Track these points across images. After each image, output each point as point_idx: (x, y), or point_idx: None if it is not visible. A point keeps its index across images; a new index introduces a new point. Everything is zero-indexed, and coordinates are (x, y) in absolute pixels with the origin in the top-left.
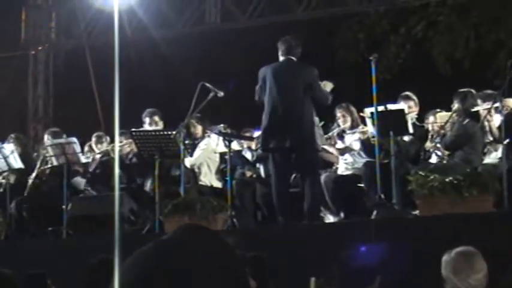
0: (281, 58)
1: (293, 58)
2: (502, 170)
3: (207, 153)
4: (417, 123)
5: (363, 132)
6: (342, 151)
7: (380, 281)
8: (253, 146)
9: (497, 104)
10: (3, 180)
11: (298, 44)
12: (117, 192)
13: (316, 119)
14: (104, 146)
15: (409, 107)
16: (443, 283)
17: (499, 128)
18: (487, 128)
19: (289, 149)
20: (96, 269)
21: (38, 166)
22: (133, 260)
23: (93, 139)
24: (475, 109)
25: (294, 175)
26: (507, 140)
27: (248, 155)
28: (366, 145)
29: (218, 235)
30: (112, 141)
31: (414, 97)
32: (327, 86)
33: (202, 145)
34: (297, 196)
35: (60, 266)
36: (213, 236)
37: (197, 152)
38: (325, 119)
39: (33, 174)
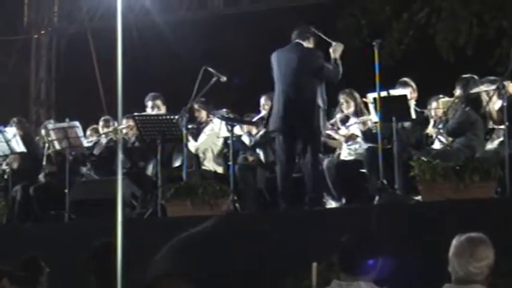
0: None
1: (301, 42)
2: (504, 155)
3: (212, 139)
4: (417, 109)
5: (363, 123)
6: (347, 139)
7: (380, 266)
8: (254, 131)
9: (494, 87)
10: (6, 167)
11: (310, 31)
12: (120, 177)
13: (321, 104)
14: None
15: (410, 93)
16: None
17: (501, 110)
18: (488, 114)
19: (293, 133)
20: (100, 253)
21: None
22: (169, 250)
23: (101, 123)
24: (475, 90)
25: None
26: (506, 123)
27: (246, 140)
28: (367, 135)
29: (257, 222)
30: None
31: (412, 83)
32: (338, 47)
33: (207, 130)
34: (299, 181)
35: (62, 250)
36: (251, 224)
37: (202, 137)
38: (328, 105)
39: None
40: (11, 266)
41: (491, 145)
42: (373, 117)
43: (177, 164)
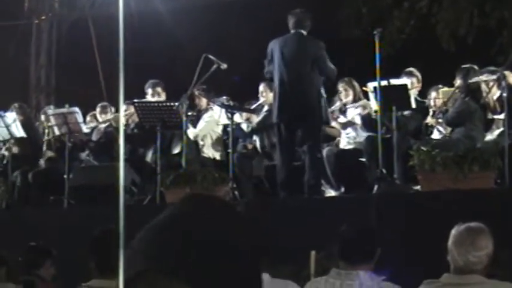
0: (291, 31)
1: (302, 31)
2: (503, 146)
3: (211, 125)
4: (418, 99)
5: (363, 107)
6: (344, 125)
7: (379, 254)
8: (254, 119)
9: (494, 77)
10: (5, 152)
11: (308, 17)
12: (121, 163)
13: (324, 94)
14: (108, 116)
15: (412, 83)
16: (446, 254)
17: (498, 100)
18: (487, 105)
19: (295, 122)
20: (100, 239)
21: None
22: (143, 236)
23: (98, 109)
24: (474, 80)
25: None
26: (504, 114)
27: (245, 127)
28: (366, 120)
29: (227, 202)
30: (117, 111)
31: (418, 73)
32: None
33: (206, 117)
34: (298, 169)
35: (61, 235)
36: (223, 204)
37: (201, 124)
38: (327, 93)
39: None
40: (10, 251)
41: (491, 135)
42: (373, 106)
43: (176, 151)
